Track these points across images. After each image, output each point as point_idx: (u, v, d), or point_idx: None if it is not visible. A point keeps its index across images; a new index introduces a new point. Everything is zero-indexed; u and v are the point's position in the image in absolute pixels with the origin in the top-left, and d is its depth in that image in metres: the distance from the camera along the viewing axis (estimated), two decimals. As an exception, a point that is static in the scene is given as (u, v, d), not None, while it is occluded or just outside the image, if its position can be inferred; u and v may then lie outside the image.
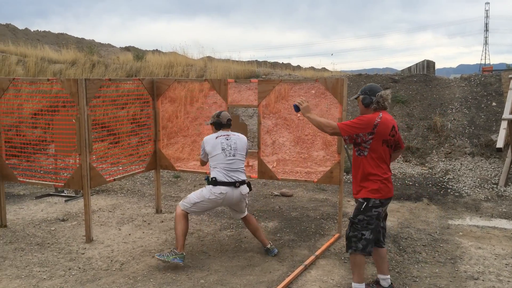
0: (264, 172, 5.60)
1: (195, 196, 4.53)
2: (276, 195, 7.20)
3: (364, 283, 3.70)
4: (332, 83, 5.18)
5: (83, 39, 32.90)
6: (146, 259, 4.61)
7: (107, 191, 7.39)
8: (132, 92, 8.68)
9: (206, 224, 5.72)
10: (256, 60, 17.31)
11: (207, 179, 4.61)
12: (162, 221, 5.84)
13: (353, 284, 3.70)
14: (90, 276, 4.22)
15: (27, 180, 5.64)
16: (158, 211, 6.22)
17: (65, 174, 6.09)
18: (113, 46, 31.62)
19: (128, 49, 29.24)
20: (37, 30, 32.07)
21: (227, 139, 4.60)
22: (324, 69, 22.27)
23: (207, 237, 5.25)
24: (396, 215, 6.14)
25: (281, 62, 28.48)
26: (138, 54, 16.10)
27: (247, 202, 4.75)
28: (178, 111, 10.93)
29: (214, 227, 5.61)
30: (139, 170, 6.09)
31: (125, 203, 6.74)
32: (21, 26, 32.90)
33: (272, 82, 5.70)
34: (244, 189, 4.58)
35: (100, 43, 31.22)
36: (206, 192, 4.49)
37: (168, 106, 10.89)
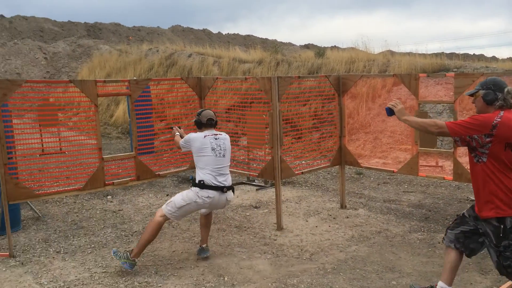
0: (461, 174, 5.15)
1: (181, 199, 4.30)
2: (472, 200, 6.57)
3: None
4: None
5: (266, 39, 35.11)
6: (335, 252, 4.69)
7: (292, 183, 7.75)
8: (314, 89, 8.90)
9: (394, 225, 5.54)
10: (443, 52, 16.03)
11: (192, 179, 4.48)
12: (347, 217, 5.86)
13: None
14: (283, 261, 4.48)
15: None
16: (343, 206, 6.26)
17: (254, 165, 6.60)
18: (293, 45, 32.97)
19: (307, 46, 30.15)
20: (228, 33, 35.45)
21: (216, 139, 4.42)
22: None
23: (395, 238, 5.08)
24: None
25: (472, 54, 25.85)
26: (319, 51, 16.39)
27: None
28: (360, 107, 10.83)
29: (403, 228, 5.39)
30: (324, 165, 6.22)
31: (310, 196, 6.97)
32: (214, 30, 36.71)
33: (471, 75, 5.19)
34: (230, 195, 4.44)
35: (281, 42, 32.86)
36: (192, 195, 4.27)
37: (349, 103, 10.86)
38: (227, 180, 4.39)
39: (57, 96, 6.25)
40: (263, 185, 7.54)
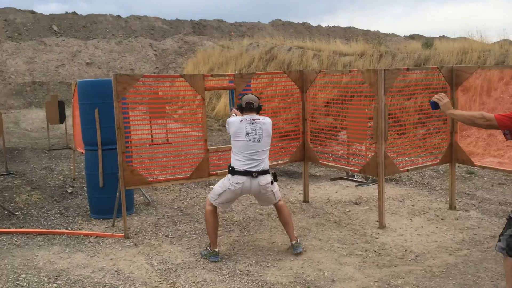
0: None
1: (219, 186, 4.39)
2: None
3: None
4: None
5: (368, 30, 34.00)
6: (443, 255, 4.39)
7: (395, 181, 7.42)
8: (420, 82, 8.40)
9: None
10: None
11: (228, 167, 4.41)
12: (457, 219, 5.46)
13: None
14: (386, 261, 4.30)
15: (327, 163, 6.19)
16: (452, 207, 5.84)
17: (353, 160, 6.42)
18: (397, 36, 31.52)
19: (412, 37, 28.62)
20: (328, 26, 34.90)
21: (252, 123, 4.32)
22: None
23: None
24: None
25: None
26: (427, 41, 15.46)
27: (274, 193, 4.43)
28: (472, 101, 10.01)
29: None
30: (433, 162, 5.85)
31: (414, 194, 6.62)
32: (314, 23, 36.36)
33: None
34: (263, 179, 4.30)
35: (384, 33, 31.60)
36: (226, 181, 4.34)
37: (460, 96, 10.09)
38: (260, 166, 4.31)
39: (164, 90, 6.63)
40: (363, 181, 7.32)
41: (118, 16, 28.44)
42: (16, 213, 6.05)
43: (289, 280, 3.96)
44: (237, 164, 4.30)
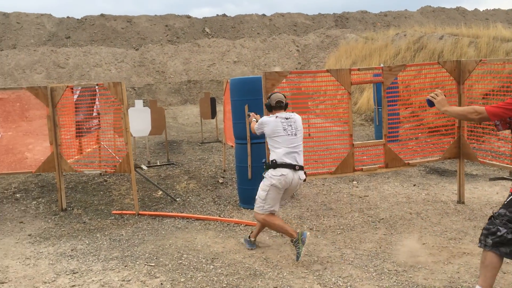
0: None
1: (261, 190, 4.40)
2: None
3: None
4: None
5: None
6: None
7: None
8: None
9: None
10: None
11: (265, 163, 4.50)
12: None
13: (476, 286, 3.09)
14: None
15: (487, 161, 5.62)
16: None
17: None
18: None
19: None
20: (486, 9, 31.48)
21: (287, 119, 4.48)
22: None
23: None
24: None
25: None
26: None
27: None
28: None
29: None
30: None
31: None
32: (469, 7, 33.15)
33: None
34: (302, 174, 4.43)
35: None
36: (268, 180, 4.35)
37: None
38: (299, 159, 4.42)
39: (306, 86, 6.70)
40: (531, 182, 6.46)
41: (263, 14, 29.60)
42: (177, 199, 6.74)
43: (443, 284, 3.72)
44: (278, 157, 4.35)
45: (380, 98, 6.61)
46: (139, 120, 8.27)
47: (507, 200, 3.09)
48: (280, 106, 4.60)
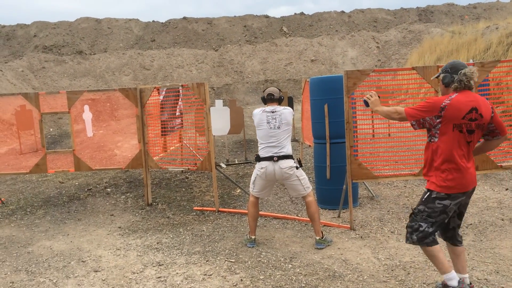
0: None
1: (252, 176, 4.84)
2: None
3: (452, 271, 3.33)
4: None
5: None
6: None
7: None
8: None
9: None
10: None
11: (255, 156, 4.78)
12: None
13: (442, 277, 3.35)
14: None
15: None
16: None
17: None
18: None
19: None
20: None
21: (273, 112, 4.66)
22: None
23: None
24: None
25: None
26: None
27: (300, 180, 4.68)
28: None
29: None
30: None
31: None
32: None
33: None
34: (284, 163, 4.57)
35: None
36: (255, 169, 4.76)
37: None
38: (281, 151, 4.60)
39: (387, 84, 6.46)
40: None
41: (342, 11, 29.12)
42: (255, 197, 6.86)
43: (541, 299, 3.42)
44: (261, 152, 4.70)
45: (469, 96, 6.21)
46: (219, 120, 8.50)
47: (424, 197, 3.34)
48: (271, 99, 4.79)
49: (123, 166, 7.03)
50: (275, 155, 4.63)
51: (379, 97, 3.78)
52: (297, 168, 4.70)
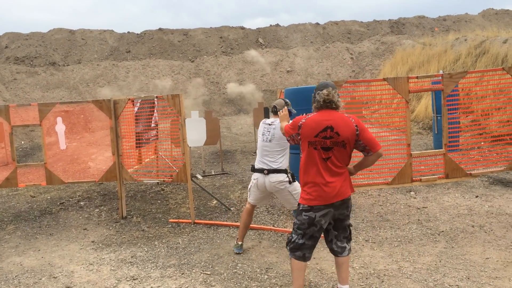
0: None
1: (249, 184, 4.86)
2: None
3: None
4: None
5: None
6: None
7: None
8: None
9: None
10: None
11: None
12: None
13: None
14: None
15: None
16: None
17: None
18: None
19: None
20: (555, 10, 29.59)
21: (269, 125, 4.73)
22: None
23: None
24: None
25: None
26: None
27: (292, 194, 4.64)
28: None
29: None
30: None
31: None
32: (535, 9, 31.29)
33: None
34: (273, 177, 4.59)
35: None
36: (251, 181, 4.82)
37: None
38: (272, 164, 4.62)
39: (360, 94, 6.58)
40: None
41: (317, 23, 29.54)
42: (231, 209, 6.84)
43: (509, 303, 3.51)
44: (256, 162, 4.77)
45: (439, 106, 6.40)
46: (195, 131, 8.47)
47: (298, 209, 3.52)
48: (274, 111, 4.84)
49: (96, 179, 6.92)
50: (265, 167, 4.66)
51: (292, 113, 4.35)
52: (290, 182, 4.65)
